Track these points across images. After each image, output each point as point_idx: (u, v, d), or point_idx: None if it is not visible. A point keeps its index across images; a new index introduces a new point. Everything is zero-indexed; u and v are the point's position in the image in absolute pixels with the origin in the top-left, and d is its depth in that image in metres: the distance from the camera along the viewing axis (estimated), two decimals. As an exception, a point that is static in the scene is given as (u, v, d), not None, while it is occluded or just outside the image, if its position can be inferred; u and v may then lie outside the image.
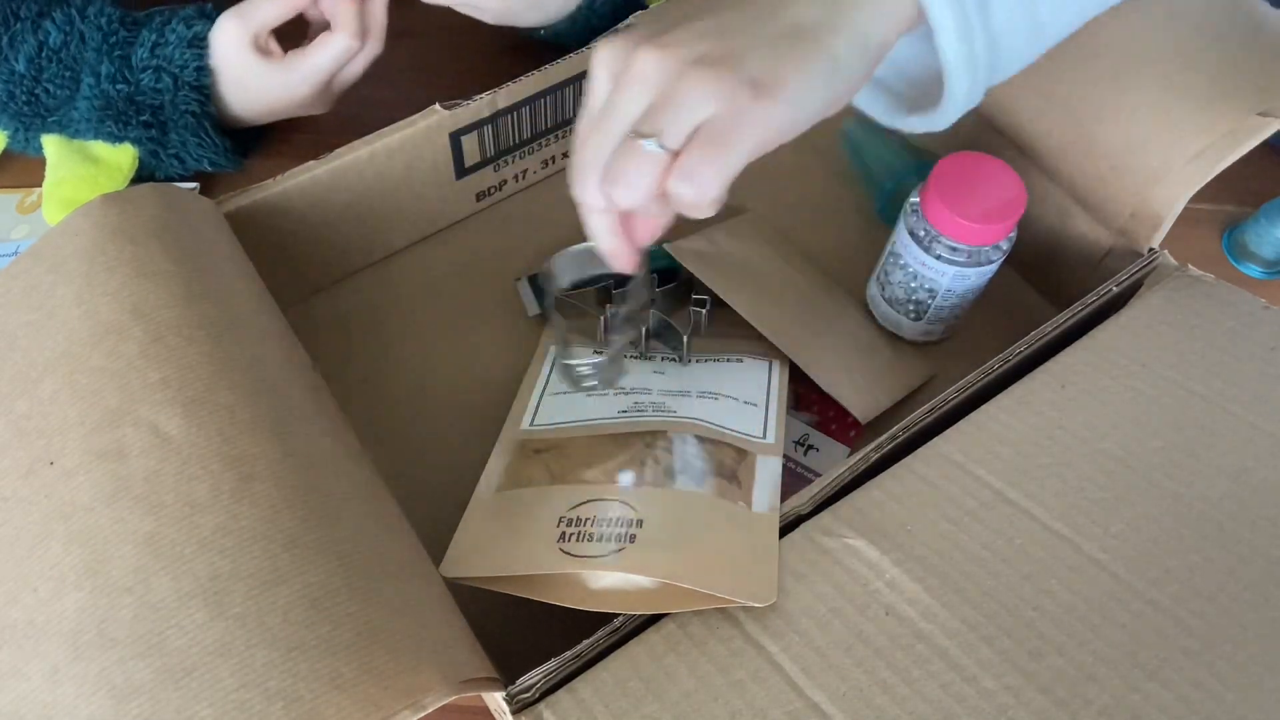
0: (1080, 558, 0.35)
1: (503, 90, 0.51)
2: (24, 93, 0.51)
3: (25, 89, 0.51)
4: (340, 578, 0.31)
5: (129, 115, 0.51)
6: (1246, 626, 0.34)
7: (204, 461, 0.32)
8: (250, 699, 0.28)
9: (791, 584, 0.35)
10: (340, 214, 0.50)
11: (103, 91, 0.51)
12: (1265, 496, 0.37)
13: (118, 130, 0.51)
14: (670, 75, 0.32)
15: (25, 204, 0.56)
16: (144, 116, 0.52)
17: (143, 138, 0.52)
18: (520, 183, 0.58)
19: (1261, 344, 0.41)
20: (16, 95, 0.51)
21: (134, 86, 0.51)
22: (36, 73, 0.51)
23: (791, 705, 0.32)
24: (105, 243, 0.38)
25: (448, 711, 0.32)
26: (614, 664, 0.33)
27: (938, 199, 0.45)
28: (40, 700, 0.29)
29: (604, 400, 0.46)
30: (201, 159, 0.54)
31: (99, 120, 0.51)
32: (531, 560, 0.37)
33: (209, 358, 0.35)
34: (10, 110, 0.52)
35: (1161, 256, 0.46)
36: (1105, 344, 0.42)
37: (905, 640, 0.33)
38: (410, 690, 0.29)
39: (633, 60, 0.32)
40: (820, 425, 0.49)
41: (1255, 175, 0.61)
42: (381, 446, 0.42)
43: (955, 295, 0.48)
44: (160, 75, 0.51)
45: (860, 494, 0.37)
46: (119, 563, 0.30)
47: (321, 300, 0.53)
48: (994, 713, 0.31)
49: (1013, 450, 0.38)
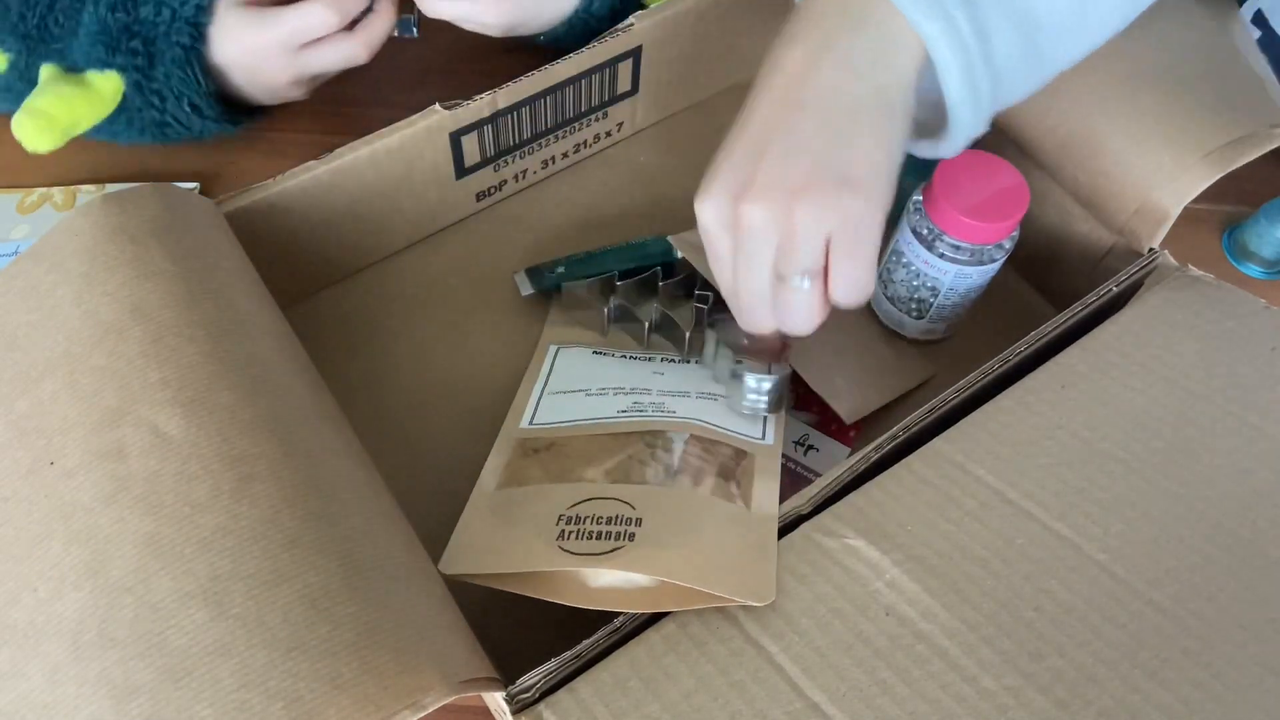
0: (1080, 558, 0.35)
1: (503, 90, 0.51)
2: (36, 17, 0.52)
3: (38, 14, 0.52)
4: (340, 578, 0.31)
5: (120, 41, 0.51)
6: (1246, 626, 0.33)
7: (204, 461, 0.32)
8: (250, 699, 0.28)
9: (791, 584, 0.35)
10: (340, 214, 0.50)
11: (101, 18, 0.51)
12: (1265, 496, 0.37)
13: (107, 56, 0.51)
14: (781, 218, 0.36)
15: (25, 204, 0.56)
16: (134, 43, 0.51)
17: (129, 65, 0.52)
18: (520, 183, 0.58)
19: (1261, 344, 0.41)
20: (28, 17, 0.52)
21: (132, 16, 0.51)
22: (52, 0, 0.52)
23: (791, 705, 0.32)
24: (105, 243, 0.38)
25: (448, 711, 0.32)
26: (614, 664, 0.33)
27: (941, 197, 0.45)
28: (40, 700, 0.29)
29: (604, 400, 0.46)
30: (182, 97, 0.53)
31: (92, 45, 0.51)
32: (531, 557, 0.37)
33: (209, 358, 0.35)
34: (19, 32, 0.52)
35: (1161, 256, 0.46)
36: (1105, 344, 0.42)
37: (905, 640, 0.33)
38: (410, 690, 0.29)
39: (741, 215, 0.37)
40: (820, 425, 0.49)
41: (1255, 175, 0.61)
42: (381, 446, 0.42)
43: (957, 294, 0.48)
44: (160, 9, 0.51)
45: (860, 494, 0.37)
46: (119, 563, 0.30)
47: (321, 300, 0.53)
48: (994, 713, 0.31)
49: (1013, 450, 0.38)
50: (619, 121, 0.59)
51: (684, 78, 0.60)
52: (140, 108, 0.53)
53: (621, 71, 0.56)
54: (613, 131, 0.60)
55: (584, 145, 0.59)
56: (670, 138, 0.61)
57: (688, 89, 0.61)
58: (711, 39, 0.59)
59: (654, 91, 0.59)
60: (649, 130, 0.62)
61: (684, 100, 0.62)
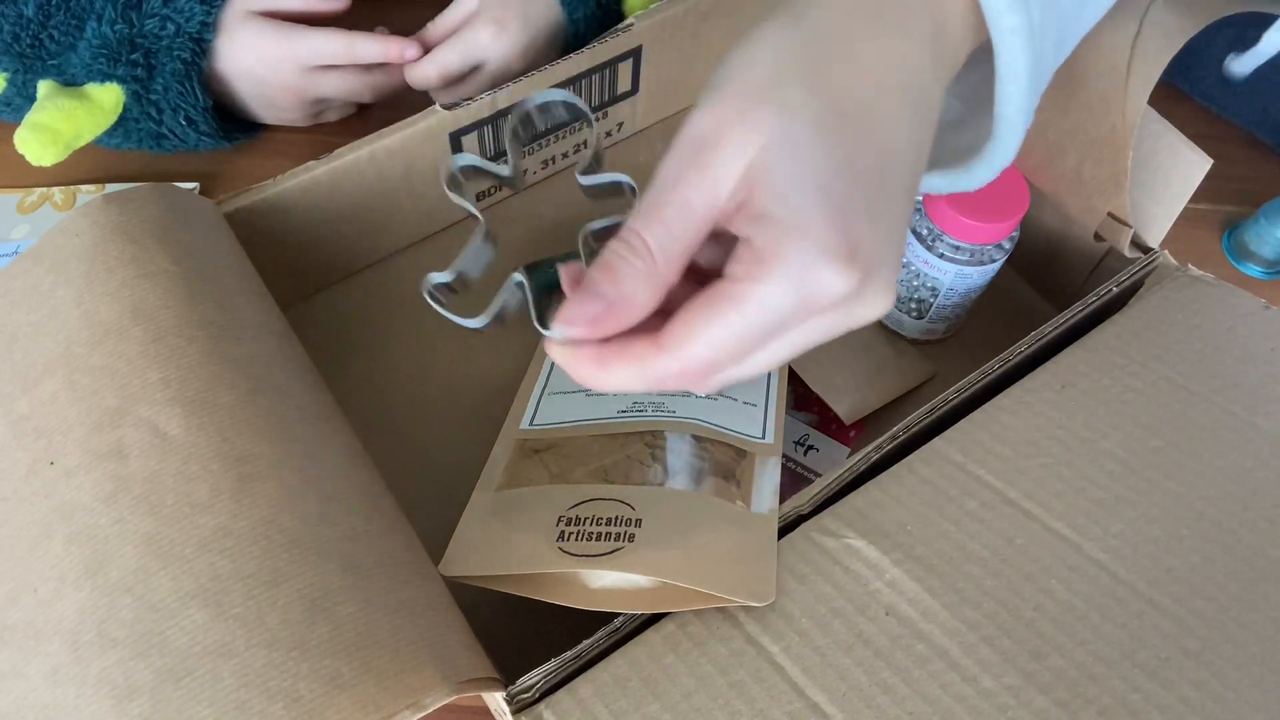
0: (1080, 558, 0.35)
1: (503, 90, 0.51)
2: (29, 36, 0.52)
3: (31, 33, 0.52)
4: (340, 578, 0.31)
5: (120, 53, 0.51)
6: (1246, 626, 0.33)
7: (204, 461, 0.32)
8: (250, 699, 0.28)
9: (791, 584, 0.35)
10: (340, 214, 0.50)
11: (102, 34, 0.51)
12: (1265, 496, 0.37)
13: (107, 68, 0.51)
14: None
15: (25, 204, 0.56)
16: (135, 55, 0.52)
17: (128, 76, 0.52)
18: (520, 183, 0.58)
19: (1261, 344, 0.41)
20: (21, 38, 0.52)
21: (135, 29, 0.52)
22: (44, 18, 0.52)
23: (791, 705, 0.32)
24: (105, 243, 0.38)
25: (448, 711, 0.32)
26: (614, 664, 0.33)
27: (940, 198, 0.45)
28: (40, 700, 0.29)
29: (604, 400, 0.46)
30: (179, 110, 0.53)
31: (93, 58, 0.52)
32: (531, 559, 0.37)
33: (209, 358, 0.35)
34: (14, 52, 0.52)
35: (1161, 256, 0.46)
36: (1105, 344, 0.42)
37: (905, 640, 0.33)
38: (410, 690, 0.29)
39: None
40: (820, 425, 0.49)
41: (1255, 175, 0.61)
42: (381, 446, 0.42)
43: (958, 294, 0.48)
44: (165, 23, 0.52)
45: (860, 494, 0.37)
46: (119, 563, 0.30)
47: (321, 300, 0.53)
48: (994, 713, 0.31)
49: (1013, 450, 0.38)
50: (619, 121, 0.59)
51: (684, 78, 0.60)
52: (138, 119, 0.54)
53: (621, 71, 0.56)
54: (613, 131, 0.60)
55: (584, 145, 0.59)
56: (670, 138, 0.61)
57: (688, 89, 0.61)
58: (711, 39, 0.59)
59: (654, 91, 0.59)
60: (649, 130, 0.62)
61: (684, 100, 0.62)
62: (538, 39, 0.56)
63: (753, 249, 0.27)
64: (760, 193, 0.27)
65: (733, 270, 0.28)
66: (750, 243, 0.28)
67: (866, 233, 0.28)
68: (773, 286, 0.27)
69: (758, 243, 0.27)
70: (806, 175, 0.27)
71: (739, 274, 0.28)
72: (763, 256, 0.27)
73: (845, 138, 0.28)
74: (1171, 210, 0.45)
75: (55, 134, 0.50)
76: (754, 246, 0.27)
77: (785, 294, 0.27)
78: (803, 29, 0.29)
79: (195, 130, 0.55)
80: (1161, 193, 0.45)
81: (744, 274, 0.27)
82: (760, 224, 0.27)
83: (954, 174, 0.37)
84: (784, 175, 0.27)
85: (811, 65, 0.28)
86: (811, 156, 0.27)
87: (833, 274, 0.27)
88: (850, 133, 0.28)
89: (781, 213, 0.27)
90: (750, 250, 0.27)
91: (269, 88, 0.55)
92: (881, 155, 0.28)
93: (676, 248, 0.28)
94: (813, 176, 0.27)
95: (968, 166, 0.36)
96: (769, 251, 0.27)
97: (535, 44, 0.56)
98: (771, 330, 0.28)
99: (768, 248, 0.27)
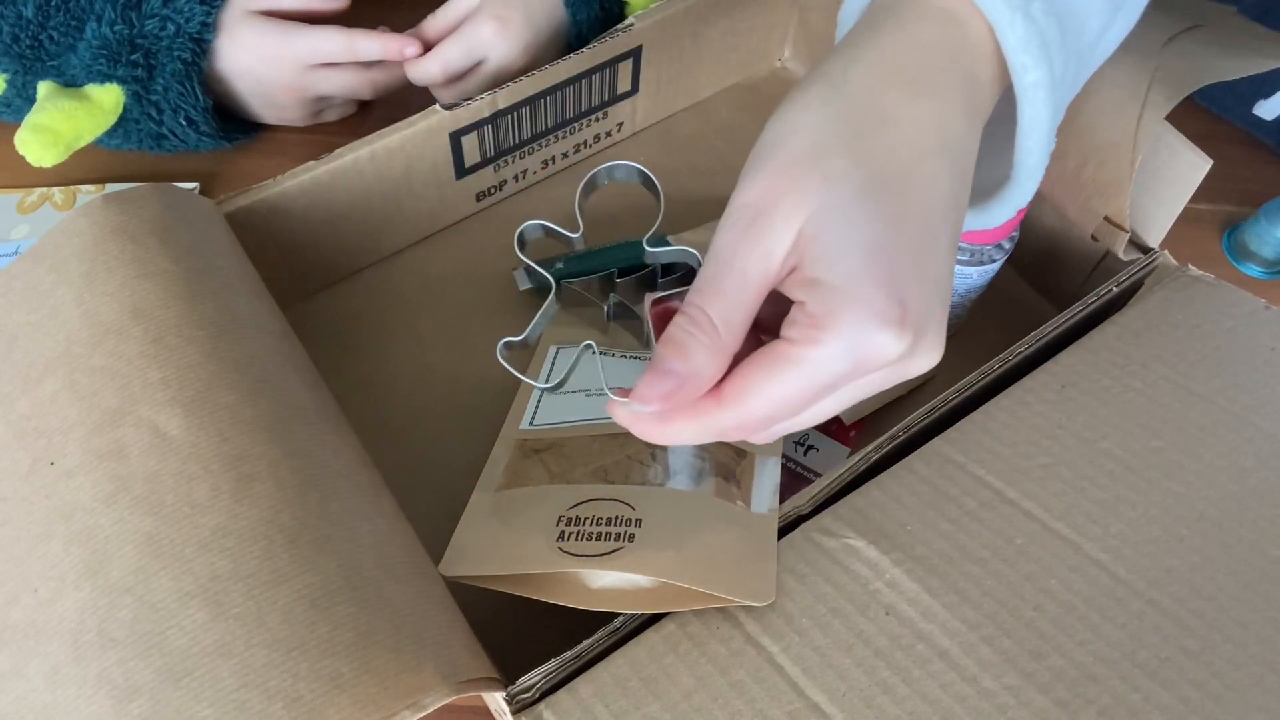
0: (1080, 558, 0.35)
1: (503, 90, 0.51)
2: (29, 38, 0.52)
3: (30, 34, 0.52)
4: (340, 578, 0.31)
5: (120, 54, 0.51)
6: (1246, 626, 0.34)
7: (204, 461, 0.32)
8: (250, 699, 0.28)
9: (791, 584, 0.35)
10: (340, 214, 0.50)
11: (102, 34, 0.51)
12: (1265, 496, 0.37)
13: (107, 68, 0.51)
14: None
15: (25, 204, 0.56)
16: (135, 56, 0.52)
17: (128, 77, 0.52)
18: (520, 183, 0.58)
19: (1262, 344, 0.41)
20: (21, 39, 0.52)
21: (135, 29, 0.52)
22: (44, 19, 0.52)
23: (791, 705, 0.32)
24: (105, 243, 0.38)
25: (447, 711, 0.32)
26: (614, 664, 0.33)
27: (938, 199, 0.45)
28: (40, 700, 0.29)
29: (604, 400, 0.46)
30: (179, 111, 0.53)
31: (94, 59, 0.51)
32: (531, 559, 0.37)
33: (209, 358, 0.35)
34: (13, 53, 0.52)
35: (1161, 256, 0.46)
36: (1105, 344, 0.42)
37: (905, 640, 0.33)
38: (410, 690, 0.29)
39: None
40: (820, 425, 0.49)
41: (1255, 175, 0.61)
42: (381, 446, 0.42)
43: (957, 294, 0.48)
44: (165, 23, 0.52)
45: (860, 494, 0.37)
46: (119, 563, 0.30)
47: (321, 300, 0.53)
48: (994, 713, 0.31)
49: (1013, 450, 0.38)
50: (619, 121, 0.59)
51: (684, 78, 0.60)
52: (138, 119, 0.54)
53: (621, 71, 0.56)
54: (613, 131, 0.60)
55: (584, 145, 0.59)
56: (670, 138, 0.61)
57: (688, 89, 0.61)
58: (711, 39, 0.59)
59: (654, 91, 0.59)
60: (649, 130, 0.62)
61: (684, 100, 0.62)
62: (540, 38, 0.56)
63: (807, 313, 0.28)
64: (811, 259, 0.28)
65: (789, 333, 0.29)
66: (804, 306, 0.29)
67: (916, 294, 0.28)
68: (828, 350, 0.28)
69: (811, 307, 0.28)
70: (854, 241, 0.28)
71: (796, 337, 0.29)
72: (818, 321, 0.28)
73: (889, 202, 0.29)
74: (1171, 210, 0.45)
75: (56, 135, 0.50)
76: (808, 310, 0.28)
77: (841, 357, 0.28)
78: (843, 95, 0.30)
79: (195, 130, 0.55)
80: (1161, 193, 0.45)
81: (801, 337, 0.28)
82: (813, 289, 0.28)
83: (972, 213, 0.38)
84: (832, 241, 0.28)
85: (853, 133, 0.29)
86: (857, 222, 0.28)
87: (886, 337, 0.28)
88: (893, 196, 0.29)
89: (832, 278, 0.28)
90: (805, 314, 0.28)
91: (269, 86, 0.55)
92: (925, 215, 0.29)
93: (737, 318, 0.29)
94: (860, 241, 0.28)
95: (985, 207, 0.37)
96: (823, 316, 0.28)
97: (538, 43, 0.56)
98: (827, 389, 0.29)
99: (821, 312, 0.28)
